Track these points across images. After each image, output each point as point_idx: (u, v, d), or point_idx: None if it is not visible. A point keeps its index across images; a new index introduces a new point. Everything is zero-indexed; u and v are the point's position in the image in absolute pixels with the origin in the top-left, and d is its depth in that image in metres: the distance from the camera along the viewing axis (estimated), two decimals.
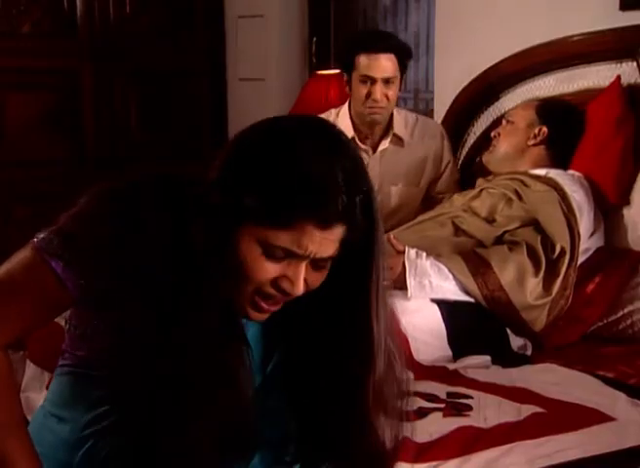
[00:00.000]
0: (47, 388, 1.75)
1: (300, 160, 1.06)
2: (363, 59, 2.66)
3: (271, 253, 1.08)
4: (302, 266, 1.10)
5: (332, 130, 1.13)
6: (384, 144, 2.81)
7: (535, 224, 2.30)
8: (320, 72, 3.63)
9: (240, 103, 4.12)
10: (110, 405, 1.17)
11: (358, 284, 1.15)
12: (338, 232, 1.08)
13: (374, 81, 2.65)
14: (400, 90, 2.75)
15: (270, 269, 1.09)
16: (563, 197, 2.33)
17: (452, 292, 2.20)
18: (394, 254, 2.24)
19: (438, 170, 2.84)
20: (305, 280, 1.11)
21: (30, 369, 1.97)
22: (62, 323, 1.27)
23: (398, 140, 2.81)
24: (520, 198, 2.37)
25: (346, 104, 2.82)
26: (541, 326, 2.22)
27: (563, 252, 2.24)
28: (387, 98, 2.69)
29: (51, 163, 3.88)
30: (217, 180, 1.09)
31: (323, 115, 2.81)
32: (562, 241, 2.25)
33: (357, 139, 2.77)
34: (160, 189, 1.15)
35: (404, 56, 2.70)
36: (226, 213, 1.08)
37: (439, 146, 2.85)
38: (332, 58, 4.06)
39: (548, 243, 2.25)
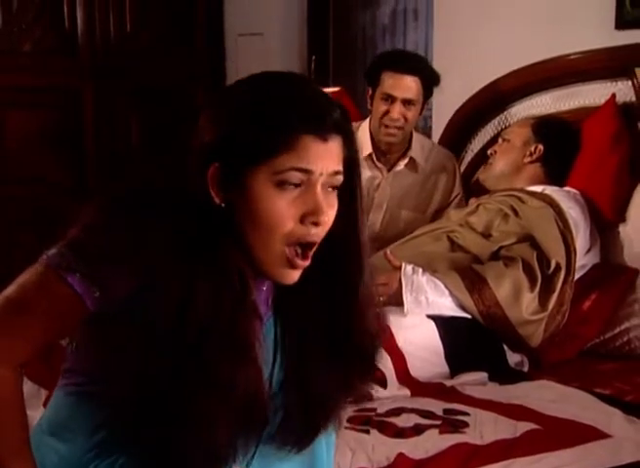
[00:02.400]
0: (44, 405, 1.77)
1: (284, 87, 1.14)
2: (387, 77, 2.65)
3: (284, 180, 1.11)
4: (318, 189, 1.12)
5: (297, 73, 1.23)
6: (400, 166, 2.77)
7: (530, 240, 2.31)
8: None
9: None
10: (115, 422, 1.17)
11: (348, 201, 1.19)
12: (337, 144, 1.14)
13: (394, 100, 2.64)
14: (421, 114, 2.74)
15: (289, 204, 1.11)
16: (559, 213, 2.34)
17: (448, 307, 2.21)
18: (391, 270, 2.25)
19: (446, 201, 2.82)
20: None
21: (27, 386, 1.97)
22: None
23: (413, 165, 2.78)
24: (516, 214, 2.39)
25: (367, 120, 2.80)
26: (538, 341, 2.23)
27: (558, 267, 2.25)
28: (405, 120, 2.65)
29: (51, 181, 3.89)
30: (208, 147, 1.12)
31: None
32: (557, 257, 2.26)
33: (374, 157, 2.76)
34: (159, 185, 1.18)
35: (430, 81, 2.67)
36: (231, 174, 1.11)
37: (451, 180, 2.83)
38: (331, 76, 4.10)
39: (544, 259, 2.26)
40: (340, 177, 1.15)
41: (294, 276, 1.16)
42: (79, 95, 3.95)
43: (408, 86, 2.64)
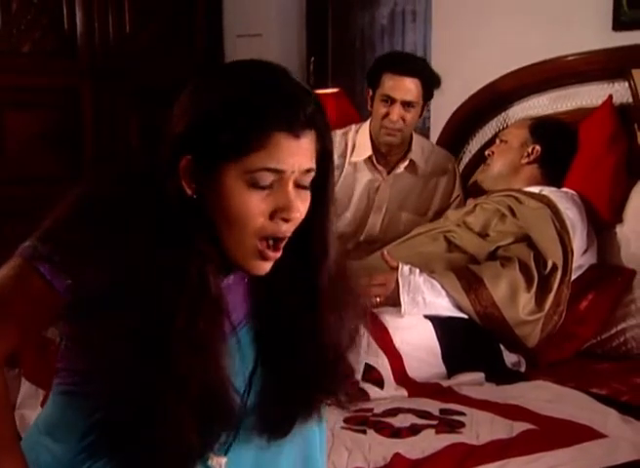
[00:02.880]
0: (42, 405, 1.77)
1: (257, 81, 1.12)
2: (388, 79, 2.65)
3: (256, 180, 1.10)
4: (289, 187, 1.12)
5: (270, 62, 1.18)
6: (400, 168, 2.77)
7: (527, 240, 2.32)
8: (318, 91, 3.65)
9: None
10: (103, 423, 1.17)
11: (319, 195, 1.18)
12: (310, 140, 1.13)
13: (393, 101, 2.64)
14: (421, 116, 2.74)
15: (260, 202, 1.11)
16: (556, 214, 2.35)
17: (445, 308, 2.22)
18: (388, 271, 2.26)
19: (446, 203, 2.83)
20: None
21: (25, 386, 1.98)
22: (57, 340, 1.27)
23: (413, 167, 2.78)
24: (513, 214, 2.39)
25: (367, 122, 2.80)
26: (535, 341, 2.23)
27: (555, 267, 2.25)
28: (405, 122, 2.66)
29: (51, 181, 3.89)
30: (180, 139, 1.12)
31: (342, 130, 2.82)
32: (554, 257, 2.26)
33: (374, 159, 2.76)
34: (130, 178, 1.19)
35: (430, 83, 2.67)
36: (202, 167, 1.11)
37: (451, 181, 2.83)
38: (329, 76, 4.10)
39: (541, 259, 2.27)
40: (312, 174, 1.15)
41: (265, 267, 1.16)
42: (78, 95, 3.96)
43: (408, 88, 2.64)
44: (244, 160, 1.10)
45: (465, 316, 2.22)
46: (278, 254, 1.16)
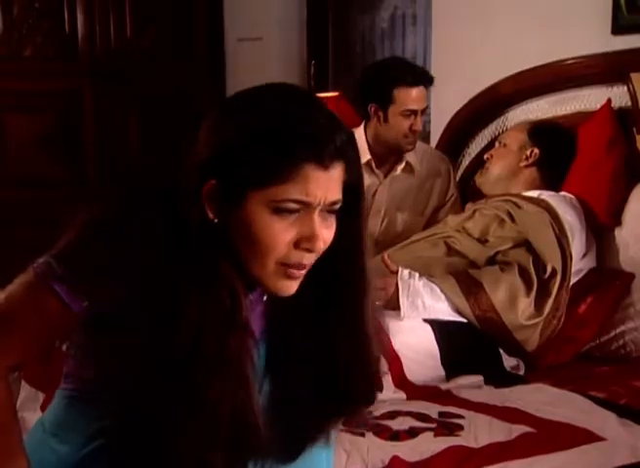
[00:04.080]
0: (41, 408, 1.78)
1: (285, 111, 1.10)
2: (403, 93, 2.66)
3: (281, 210, 1.09)
4: (315, 218, 1.11)
5: (299, 87, 1.21)
6: (397, 171, 2.80)
7: (527, 245, 2.32)
8: (318, 95, 3.66)
9: None
10: (111, 429, 1.17)
11: (351, 222, 1.17)
12: (338, 171, 1.11)
13: (416, 114, 2.68)
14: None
15: (285, 230, 1.10)
16: (555, 218, 2.36)
17: (444, 312, 2.22)
18: (388, 275, 2.27)
19: (442, 201, 2.87)
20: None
21: (25, 389, 1.98)
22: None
23: (410, 168, 2.81)
24: (512, 219, 2.40)
25: (361, 128, 2.80)
26: (534, 346, 2.24)
27: (554, 272, 2.26)
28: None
29: (52, 184, 3.92)
30: (207, 163, 1.10)
31: None
32: (553, 261, 2.27)
33: (373, 164, 2.77)
34: (147, 196, 1.17)
35: (430, 84, 2.74)
36: (227, 194, 1.09)
37: (446, 181, 2.87)
38: (330, 80, 4.12)
39: (540, 263, 2.27)
40: (339, 204, 1.13)
41: (291, 287, 1.15)
42: (79, 99, 3.98)
43: (422, 96, 2.70)
44: (271, 189, 1.08)
45: (464, 320, 2.23)
46: (302, 274, 1.15)
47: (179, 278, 1.10)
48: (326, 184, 1.10)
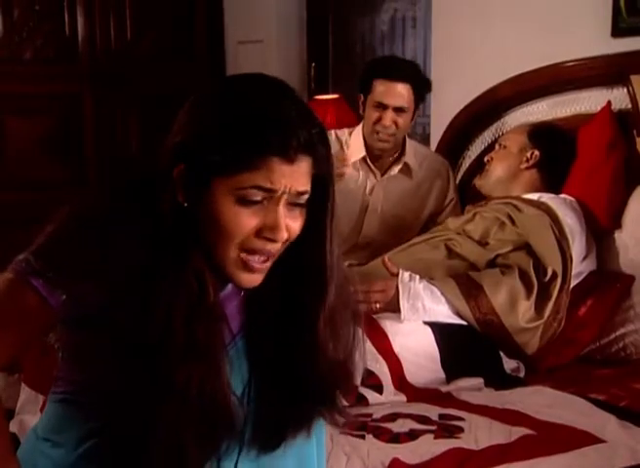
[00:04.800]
0: (41, 411, 1.78)
1: (256, 103, 1.11)
2: (379, 85, 2.65)
3: (246, 197, 1.11)
4: (280, 209, 1.12)
5: (275, 78, 1.18)
6: (394, 171, 2.79)
7: (527, 248, 2.32)
8: (318, 97, 3.67)
9: None
10: (101, 430, 1.17)
11: (317, 218, 1.18)
12: (304, 165, 1.12)
13: (385, 107, 2.65)
14: (413, 120, 2.74)
15: (249, 218, 1.11)
16: (555, 221, 2.36)
17: (444, 314, 2.22)
18: (388, 277, 2.27)
19: (440, 206, 2.85)
20: (286, 225, 1.13)
21: (25, 392, 1.98)
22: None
23: (407, 170, 2.79)
24: (513, 222, 2.40)
25: (359, 127, 2.81)
26: (534, 349, 2.24)
27: (555, 275, 2.26)
28: (397, 126, 2.67)
29: (52, 187, 3.91)
30: (176, 149, 1.13)
31: (336, 131, 2.84)
32: (553, 264, 2.27)
33: (368, 160, 2.77)
34: (122, 195, 1.19)
35: (421, 87, 2.68)
36: (194, 178, 1.11)
37: (445, 185, 2.85)
38: (330, 82, 4.12)
39: (540, 266, 2.27)
40: (306, 196, 1.14)
41: (253, 279, 1.16)
42: (80, 102, 3.98)
43: (399, 93, 2.65)
44: (235, 177, 1.10)
45: (465, 323, 2.23)
46: (264, 267, 1.16)
47: (151, 262, 1.11)
48: (291, 175, 1.11)
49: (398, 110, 2.66)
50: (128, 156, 4.02)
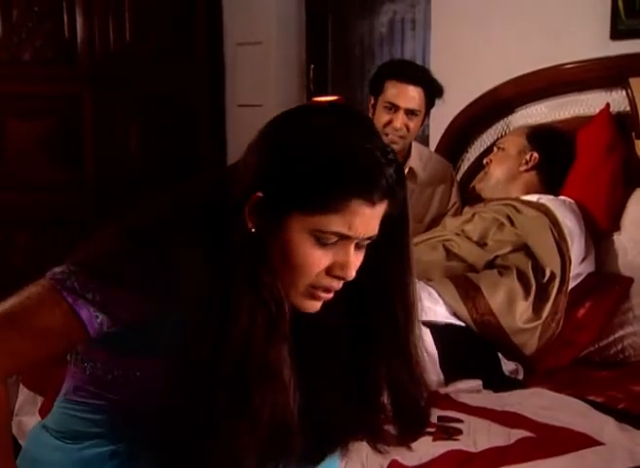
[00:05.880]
0: (40, 412, 1.78)
1: (340, 143, 1.08)
2: (391, 87, 2.66)
3: (323, 239, 1.10)
4: (352, 248, 1.12)
5: (356, 112, 1.17)
6: None
7: (525, 249, 2.33)
8: (317, 99, 3.67)
9: (239, 130, 4.16)
10: (130, 441, 1.16)
11: (398, 249, 1.18)
12: (384, 207, 1.12)
13: (397, 109, 2.65)
14: (422, 124, 2.75)
15: (322, 257, 1.11)
16: (554, 223, 2.36)
17: (442, 315, 2.22)
18: None
19: (443, 209, 2.84)
20: None
21: (23, 393, 1.98)
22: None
23: (413, 175, 2.79)
24: (512, 223, 2.40)
25: None
26: (532, 350, 2.24)
27: (553, 276, 2.26)
28: (408, 129, 2.67)
29: (51, 188, 3.91)
30: (255, 181, 1.10)
31: None
32: (552, 265, 2.27)
33: None
34: (186, 215, 1.15)
35: (433, 92, 2.68)
36: (270, 209, 1.09)
37: (448, 189, 2.85)
38: (329, 84, 4.12)
39: (539, 267, 2.28)
40: (373, 238, 1.14)
41: (315, 306, 1.16)
42: (79, 103, 3.98)
43: (411, 96, 2.65)
44: (315, 217, 1.09)
45: (463, 324, 2.23)
46: (329, 296, 1.16)
47: (222, 291, 1.09)
48: (369, 220, 1.11)
49: (410, 113, 2.66)
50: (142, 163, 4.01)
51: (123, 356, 1.15)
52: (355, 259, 1.14)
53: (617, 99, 2.62)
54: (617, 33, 2.69)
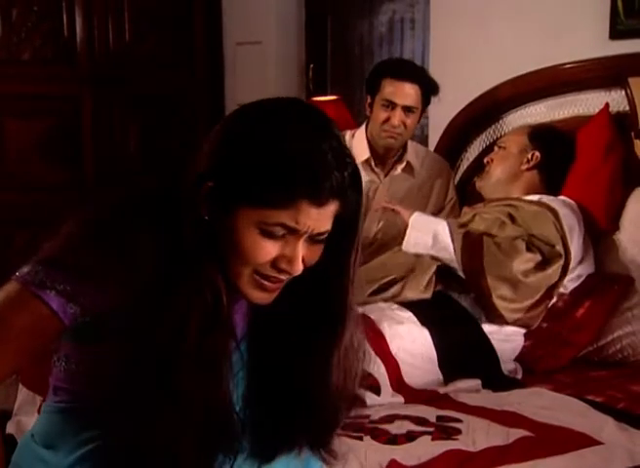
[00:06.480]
0: (38, 412, 1.78)
1: (292, 142, 1.09)
2: (388, 84, 2.67)
3: (270, 231, 1.10)
4: (300, 244, 1.12)
5: (315, 111, 1.16)
6: (397, 170, 2.81)
7: (530, 237, 2.35)
8: (316, 98, 3.67)
9: None
10: (100, 435, 1.17)
11: (341, 253, 1.18)
12: (332, 208, 1.12)
13: (394, 106, 2.66)
14: (419, 121, 2.77)
15: (269, 249, 1.11)
16: (556, 217, 2.36)
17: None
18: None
19: (440, 204, 2.86)
20: (303, 257, 1.13)
21: (22, 393, 1.98)
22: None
23: (410, 169, 2.81)
24: (513, 221, 2.40)
25: (363, 127, 2.82)
26: (513, 318, 2.27)
27: (558, 253, 2.28)
28: (405, 126, 2.69)
29: (50, 188, 3.91)
30: (206, 171, 1.11)
31: None
32: (558, 245, 2.30)
33: (372, 162, 2.79)
34: (142, 204, 1.17)
35: (429, 89, 2.70)
36: (220, 199, 1.10)
37: (445, 184, 2.87)
38: (328, 84, 4.12)
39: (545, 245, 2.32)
40: (326, 234, 1.14)
41: (265, 298, 1.16)
42: (78, 103, 3.98)
43: (408, 93, 2.66)
44: (261, 210, 1.09)
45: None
46: (277, 287, 1.16)
47: (168, 272, 1.11)
48: (317, 217, 1.11)
49: (407, 110, 2.67)
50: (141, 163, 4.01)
51: (90, 343, 1.16)
52: (310, 254, 1.14)
53: (616, 99, 2.62)
54: (616, 33, 2.69)
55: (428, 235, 2.38)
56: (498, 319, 2.28)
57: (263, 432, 1.23)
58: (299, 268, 1.13)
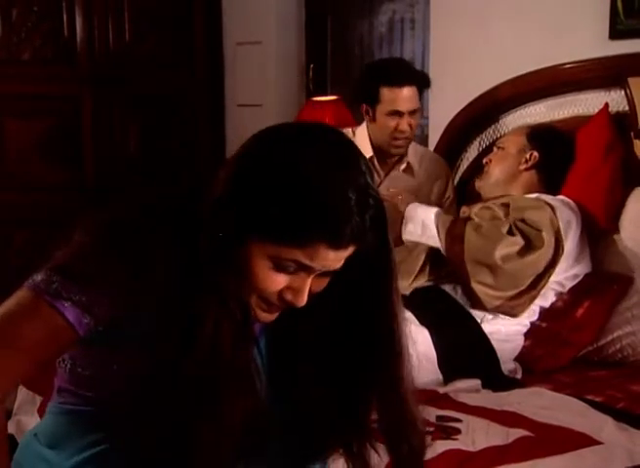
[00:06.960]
0: (38, 412, 1.78)
1: (314, 182, 1.04)
2: (388, 94, 2.68)
3: (283, 266, 1.08)
4: (309, 280, 1.11)
5: (342, 141, 1.11)
6: (398, 170, 2.83)
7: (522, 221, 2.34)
8: (316, 98, 3.67)
9: (238, 129, 4.16)
10: (106, 439, 1.17)
11: (380, 289, 1.16)
12: (349, 251, 1.09)
13: (401, 114, 2.69)
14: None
15: (277, 282, 1.10)
16: (553, 211, 2.35)
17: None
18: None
19: (439, 202, 2.86)
20: (310, 288, 1.12)
21: (22, 393, 1.98)
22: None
23: (410, 169, 2.84)
24: (507, 209, 2.40)
25: (364, 124, 2.83)
26: (493, 305, 2.26)
27: (543, 241, 2.27)
28: (411, 127, 2.73)
29: (50, 188, 3.91)
30: (223, 198, 1.08)
31: None
32: (545, 231, 2.28)
33: (375, 161, 2.79)
34: (159, 214, 1.14)
35: (423, 85, 2.73)
36: (236, 229, 1.07)
37: (444, 183, 2.88)
38: (328, 84, 4.12)
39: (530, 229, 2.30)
40: (337, 269, 1.12)
41: (268, 318, 1.15)
42: (78, 103, 3.98)
43: (409, 97, 2.69)
44: (279, 247, 1.06)
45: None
46: (279, 310, 1.15)
47: (185, 287, 1.08)
48: (333, 258, 1.08)
49: (411, 113, 2.71)
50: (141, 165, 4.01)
51: (99, 349, 1.14)
52: (316, 284, 1.12)
53: (615, 99, 2.62)
54: (616, 33, 2.69)
55: (418, 224, 2.39)
56: (479, 305, 2.27)
57: (295, 442, 1.22)
58: (303, 301, 1.11)
